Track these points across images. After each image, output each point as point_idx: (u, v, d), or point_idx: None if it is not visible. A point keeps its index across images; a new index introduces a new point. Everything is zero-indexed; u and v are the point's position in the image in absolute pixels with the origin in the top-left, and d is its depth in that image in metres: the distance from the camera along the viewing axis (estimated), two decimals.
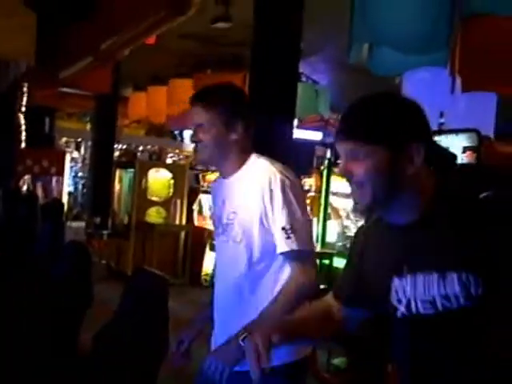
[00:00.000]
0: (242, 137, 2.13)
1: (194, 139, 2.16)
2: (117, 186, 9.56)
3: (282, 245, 2.01)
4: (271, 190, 2.02)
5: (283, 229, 2.01)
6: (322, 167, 11.80)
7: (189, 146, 14.60)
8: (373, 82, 7.43)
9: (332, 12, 6.41)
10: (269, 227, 2.04)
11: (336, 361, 4.61)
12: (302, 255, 2.03)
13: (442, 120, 6.06)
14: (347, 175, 1.42)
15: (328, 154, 13.52)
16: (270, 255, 2.07)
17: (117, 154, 11.99)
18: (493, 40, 4.47)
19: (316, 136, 13.34)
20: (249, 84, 5.87)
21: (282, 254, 2.04)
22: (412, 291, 1.41)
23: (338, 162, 1.50)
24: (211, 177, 9.85)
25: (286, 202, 2.02)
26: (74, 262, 3.62)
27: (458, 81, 4.72)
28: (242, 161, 2.15)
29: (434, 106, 6.56)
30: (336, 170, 7.30)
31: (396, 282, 1.45)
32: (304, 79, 9.39)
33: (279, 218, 2.01)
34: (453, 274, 1.33)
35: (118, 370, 2.63)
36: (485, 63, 4.55)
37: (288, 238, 2.00)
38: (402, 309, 1.44)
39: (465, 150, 4.65)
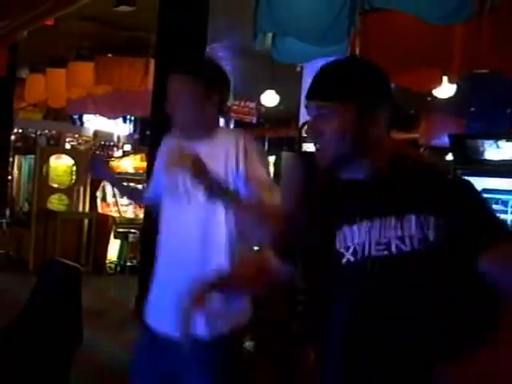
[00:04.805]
0: (214, 108, 2.24)
1: (171, 108, 2.21)
2: (16, 173, 9.23)
3: (267, 190, 2.15)
4: (246, 150, 2.16)
5: (267, 176, 2.19)
6: None
7: (89, 131, 14.25)
8: (274, 69, 7.59)
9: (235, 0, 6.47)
10: (240, 184, 2.15)
11: (245, 344, 4.65)
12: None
13: None
14: (315, 134, 1.48)
15: None
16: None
17: (12, 138, 11.50)
18: (389, 34, 4.68)
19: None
20: (154, 70, 5.84)
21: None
22: (367, 235, 1.44)
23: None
24: (115, 163, 9.69)
25: (261, 157, 2.21)
26: None
27: None
28: (211, 129, 2.26)
29: None
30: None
31: (346, 229, 1.48)
32: None
33: (259, 168, 2.17)
34: (411, 216, 1.39)
35: (30, 362, 2.61)
36: (382, 55, 4.75)
37: (271, 182, 2.21)
38: (348, 256, 1.47)
39: None
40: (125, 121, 14.75)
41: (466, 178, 5.15)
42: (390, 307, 1.43)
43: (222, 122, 2.43)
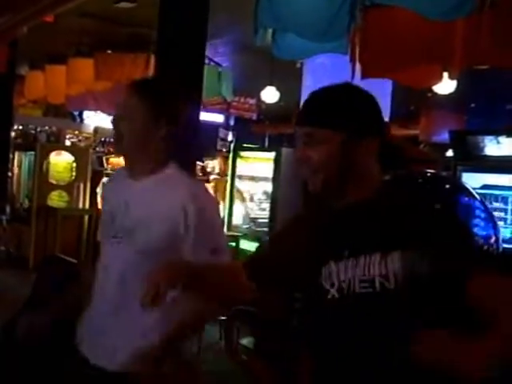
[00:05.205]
0: (164, 138, 2.01)
1: (115, 127, 2.01)
2: (16, 170, 9.24)
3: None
4: (198, 208, 1.92)
5: (212, 250, 1.95)
6: (225, 149, 11.95)
7: (89, 127, 14.24)
8: (274, 64, 7.59)
9: None
10: (186, 244, 1.94)
11: (244, 341, 4.66)
12: None
13: None
14: (303, 160, 1.46)
15: (230, 137, 13.69)
16: None
17: (12, 134, 11.50)
18: (390, 30, 4.67)
19: (218, 118, 13.42)
20: (154, 66, 5.83)
21: None
22: (352, 272, 1.43)
23: (244, 145, 1.54)
24: (115, 160, 9.70)
25: (213, 219, 2.01)
26: None
27: (358, 67, 4.90)
28: (157, 165, 2.03)
29: None
30: (242, 153, 7.41)
31: (332, 266, 1.46)
32: (207, 61, 9.38)
33: (208, 239, 1.95)
34: (395, 253, 1.38)
35: (31, 359, 2.61)
36: (383, 52, 4.75)
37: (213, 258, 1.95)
38: (333, 291, 1.46)
39: None
40: None
41: (467, 174, 5.12)
42: (374, 344, 1.42)
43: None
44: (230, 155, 7.68)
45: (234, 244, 6.50)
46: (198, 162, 8.11)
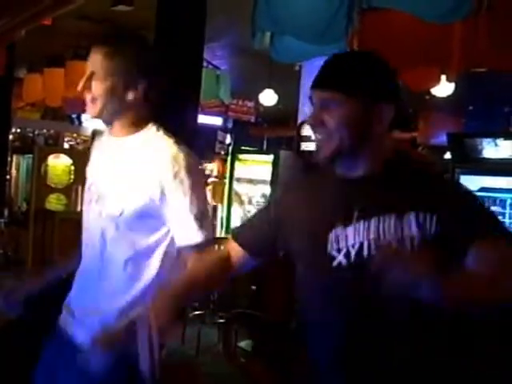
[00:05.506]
0: (140, 98, 1.85)
1: (85, 87, 1.85)
2: (14, 173, 9.24)
3: (193, 235, 1.82)
4: (176, 173, 1.78)
5: (195, 217, 1.81)
6: (223, 152, 11.96)
7: (87, 130, 14.24)
8: (273, 67, 7.59)
9: None
10: (163, 211, 1.82)
11: (242, 343, 4.65)
12: (207, 244, 1.85)
13: None
14: (317, 123, 1.45)
15: (228, 140, 13.69)
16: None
17: (10, 137, 11.52)
18: (388, 33, 4.68)
19: (216, 121, 13.42)
20: None
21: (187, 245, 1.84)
22: (364, 236, 1.40)
23: (242, 148, 1.50)
24: None
25: (195, 186, 1.83)
26: None
27: None
28: (137, 125, 1.90)
29: None
30: (240, 156, 7.41)
31: (339, 230, 1.43)
32: (205, 64, 9.39)
33: (188, 205, 1.80)
34: (411, 215, 1.36)
35: (29, 359, 2.60)
36: (380, 54, 4.77)
37: (200, 226, 1.82)
38: (340, 258, 1.43)
39: None
40: None
41: (465, 176, 5.14)
42: (386, 311, 1.39)
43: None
44: (229, 158, 7.69)
45: None
46: None
